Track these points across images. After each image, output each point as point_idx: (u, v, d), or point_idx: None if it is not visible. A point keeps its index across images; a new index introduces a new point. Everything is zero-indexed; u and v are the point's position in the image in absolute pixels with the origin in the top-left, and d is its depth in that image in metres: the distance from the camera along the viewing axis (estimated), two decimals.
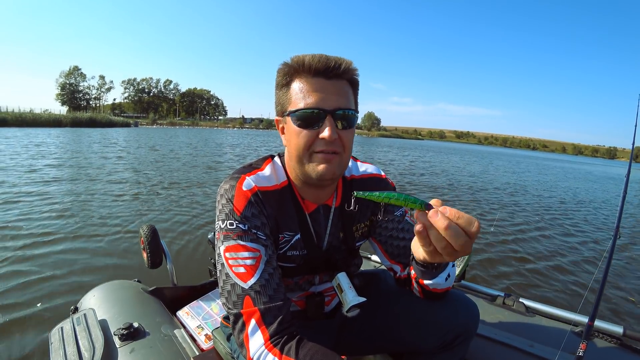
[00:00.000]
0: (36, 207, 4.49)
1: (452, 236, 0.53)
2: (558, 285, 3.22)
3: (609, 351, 1.23)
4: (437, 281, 0.75)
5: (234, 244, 0.73)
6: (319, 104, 0.72)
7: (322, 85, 0.72)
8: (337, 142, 0.74)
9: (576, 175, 19.96)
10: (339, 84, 0.74)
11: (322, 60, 0.72)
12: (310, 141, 0.73)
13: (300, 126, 0.73)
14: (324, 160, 0.74)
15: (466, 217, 0.53)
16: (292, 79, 0.75)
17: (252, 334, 0.68)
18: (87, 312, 1.23)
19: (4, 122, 28.65)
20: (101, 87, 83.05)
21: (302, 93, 0.73)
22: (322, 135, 0.72)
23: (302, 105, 0.72)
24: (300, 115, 0.73)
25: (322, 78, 0.72)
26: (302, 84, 0.73)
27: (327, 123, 0.71)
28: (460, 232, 0.52)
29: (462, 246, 0.53)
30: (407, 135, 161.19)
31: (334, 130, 0.72)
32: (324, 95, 0.72)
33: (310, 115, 0.72)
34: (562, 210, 7.38)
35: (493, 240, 4.35)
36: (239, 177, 0.78)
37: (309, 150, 0.74)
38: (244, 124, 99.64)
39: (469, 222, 0.53)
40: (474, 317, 0.91)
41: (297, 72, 0.74)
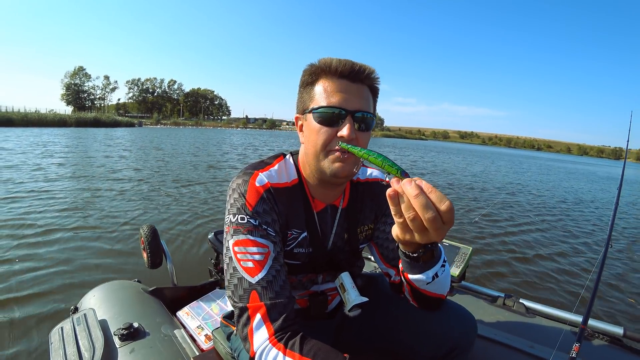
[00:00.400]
0: (37, 206, 4.52)
1: (420, 206, 0.52)
2: (558, 286, 3.21)
3: (609, 352, 1.22)
4: (421, 278, 0.70)
5: (244, 239, 0.73)
6: (341, 103, 0.74)
7: (346, 87, 0.75)
8: (354, 143, 0.74)
9: (578, 176, 19.85)
10: (362, 88, 0.77)
11: (349, 64, 0.75)
12: (330, 139, 0.75)
13: (321, 123, 0.75)
14: (340, 158, 0.75)
15: (439, 194, 0.53)
16: (317, 79, 0.77)
17: (256, 328, 0.69)
18: (87, 312, 1.23)
19: (10, 122, 28.90)
20: (106, 87, 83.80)
21: (326, 92, 0.75)
22: (340, 133, 0.74)
23: (324, 103, 0.75)
24: (321, 112, 0.75)
25: (347, 80, 0.75)
26: (327, 84, 0.76)
27: (347, 122, 0.74)
28: (429, 204, 0.52)
29: (431, 222, 0.52)
30: (411, 136, 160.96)
31: (353, 130, 0.74)
32: (347, 96, 0.75)
33: (332, 114, 0.74)
34: (563, 210, 7.37)
35: (493, 240, 4.35)
36: (252, 173, 0.80)
37: (327, 147, 0.76)
38: (247, 124, 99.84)
39: (439, 199, 0.52)
40: (470, 330, 0.90)
41: (324, 72, 0.76)
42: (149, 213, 4.56)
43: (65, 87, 76.95)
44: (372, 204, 0.95)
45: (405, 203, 0.54)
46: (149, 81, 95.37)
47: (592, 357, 1.19)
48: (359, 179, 0.96)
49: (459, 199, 7.30)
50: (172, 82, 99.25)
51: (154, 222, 4.06)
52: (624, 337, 1.26)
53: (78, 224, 3.89)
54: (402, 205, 0.55)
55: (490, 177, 13.07)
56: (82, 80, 79.13)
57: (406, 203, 0.54)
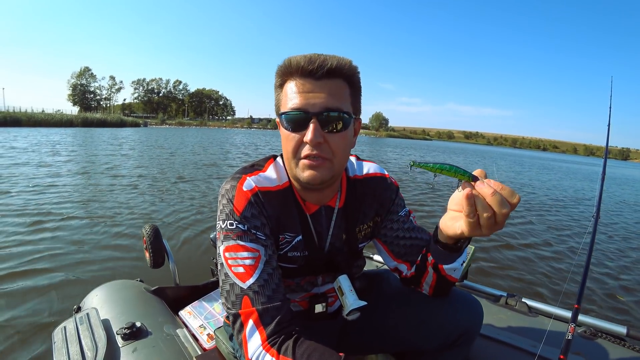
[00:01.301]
0: (40, 205, 4.55)
1: (497, 203, 0.55)
2: (560, 285, 3.19)
3: (612, 351, 1.21)
4: (455, 266, 0.77)
5: (234, 244, 0.72)
6: (304, 105, 0.69)
7: (310, 86, 0.69)
8: (325, 147, 0.71)
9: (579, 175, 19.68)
10: (331, 84, 0.70)
11: (310, 59, 0.69)
12: (297, 145, 0.72)
13: (288, 129, 0.72)
14: (309, 166, 0.72)
15: (508, 189, 0.56)
16: (284, 81, 0.73)
17: (250, 334, 0.68)
18: (90, 312, 1.24)
19: (17, 122, 29.31)
20: (111, 87, 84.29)
21: (290, 95, 0.71)
22: (305, 138, 0.70)
23: (289, 106, 0.71)
24: (287, 117, 0.71)
25: (311, 78, 0.69)
26: (290, 85, 0.72)
27: (311, 126, 0.69)
28: (504, 201, 0.56)
29: (504, 217, 0.56)
30: (415, 136, 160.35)
31: (317, 134, 0.69)
32: (311, 96, 0.69)
33: (296, 117, 0.70)
34: (564, 209, 7.32)
35: (496, 239, 4.32)
36: (240, 178, 0.78)
37: (296, 155, 0.73)
38: (252, 124, 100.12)
39: (511, 194, 0.56)
40: (478, 316, 0.91)
41: (289, 73, 0.72)
42: (151, 213, 4.57)
43: (72, 87, 77.61)
44: (371, 201, 0.92)
45: (482, 203, 0.57)
46: (154, 81, 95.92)
47: (595, 356, 1.18)
48: (357, 175, 0.92)
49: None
50: (177, 83, 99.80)
51: (156, 222, 4.09)
52: (627, 336, 1.25)
53: (80, 224, 3.91)
54: (478, 205, 0.57)
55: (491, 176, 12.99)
56: (88, 80, 79.73)
57: (483, 203, 0.57)
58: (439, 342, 0.90)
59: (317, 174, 0.72)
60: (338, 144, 0.72)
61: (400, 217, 0.92)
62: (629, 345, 1.23)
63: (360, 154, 0.91)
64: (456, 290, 0.93)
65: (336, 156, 0.73)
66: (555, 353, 1.13)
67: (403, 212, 0.93)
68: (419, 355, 0.97)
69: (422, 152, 26.97)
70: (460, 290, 0.94)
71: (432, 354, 0.94)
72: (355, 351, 1.05)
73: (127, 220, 4.14)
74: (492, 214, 0.56)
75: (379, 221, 0.94)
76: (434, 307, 0.89)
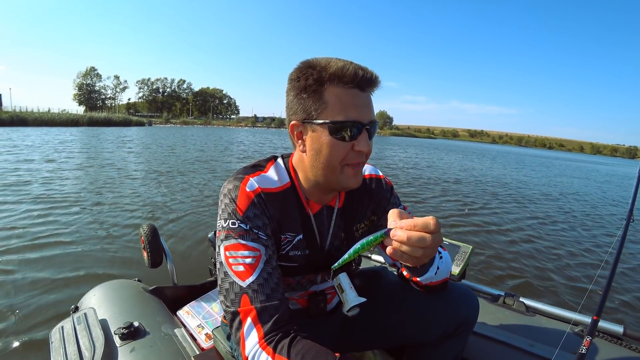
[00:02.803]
0: (37, 205, 4.57)
1: (417, 242, 0.58)
2: (560, 284, 3.18)
3: (608, 351, 1.21)
4: (428, 276, 0.78)
5: (235, 243, 0.73)
6: (358, 117, 0.72)
7: (359, 98, 0.73)
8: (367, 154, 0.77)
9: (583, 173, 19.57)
10: (370, 97, 0.76)
11: (361, 72, 0.71)
12: (345, 153, 0.74)
13: (337, 138, 0.72)
14: (356, 172, 0.77)
15: (421, 222, 0.58)
16: (324, 86, 0.72)
17: (247, 332, 0.68)
18: (88, 312, 1.24)
19: (24, 122, 29.62)
20: (116, 87, 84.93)
21: (341, 104, 0.71)
22: (358, 148, 0.73)
23: (340, 117, 0.71)
24: (338, 127, 0.71)
25: (358, 90, 0.72)
26: (339, 94, 0.71)
27: (364, 137, 0.73)
28: (422, 236, 0.58)
29: (433, 244, 0.59)
30: (420, 134, 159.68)
31: (369, 143, 0.75)
32: (362, 108, 0.73)
33: (352, 128, 0.72)
34: (563, 209, 7.29)
35: (492, 240, 4.32)
36: (243, 178, 0.79)
37: (343, 162, 0.75)
38: (256, 123, 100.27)
39: (425, 225, 0.58)
40: (475, 307, 0.95)
41: (333, 80, 0.71)
42: (149, 212, 4.59)
43: (78, 87, 78.39)
44: (368, 201, 0.95)
45: (407, 249, 0.59)
46: (158, 81, 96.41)
47: (591, 355, 1.18)
48: None
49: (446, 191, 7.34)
50: (182, 82, 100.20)
51: (154, 221, 4.12)
52: (624, 335, 1.25)
53: (78, 223, 3.92)
54: (406, 251, 0.60)
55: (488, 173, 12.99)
56: (93, 80, 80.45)
57: (407, 248, 0.59)
58: (438, 333, 0.93)
59: (360, 179, 0.80)
60: (371, 150, 0.78)
61: None
62: (626, 344, 1.23)
63: None
64: (453, 283, 0.96)
65: (367, 159, 0.80)
66: (553, 352, 1.13)
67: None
68: (419, 348, 1.00)
69: (427, 151, 26.90)
70: (456, 283, 0.98)
71: (431, 345, 0.97)
72: (355, 348, 1.08)
73: (125, 220, 4.16)
74: (421, 250, 0.59)
75: (376, 220, 0.98)
76: (432, 299, 0.93)
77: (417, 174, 10.96)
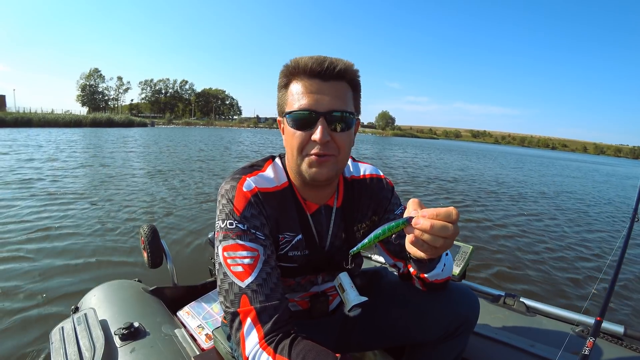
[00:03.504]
0: (38, 205, 4.59)
1: (439, 231, 0.57)
2: (559, 285, 3.17)
3: (609, 351, 1.20)
4: (435, 272, 0.79)
5: (233, 244, 0.73)
6: (312, 105, 0.72)
7: (317, 87, 0.73)
8: (331, 145, 0.74)
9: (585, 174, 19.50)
10: (337, 86, 0.74)
11: (318, 61, 0.72)
12: (304, 143, 0.74)
13: (295, 127, 0.74)
14: (316, 163, 0.75)
15: (443, 211, 0.58)
16: (290, 80, 0.76)
17: (247, 332, 0.68)
18: (88, 312, 1.25)
19: (28, 123, 29.82)
20: (119, 88, 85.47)
21: (298, 94, 0.74)
22: (313, 137, 0.73)
23: (296, 106, 0.73)
24: (294, 116, 0.74)
25: (318, 79, 0.73)
26: (298, 86, 0.74)
27: (319, 125, 0.72)
28: (444, 225, 0.57)
29: (452, 236, 0.58)
30: (422, 135, 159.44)
31: (326, 132, 0.72)
32: (319, 96, 0.73)
33: (304, 117, 0.73)
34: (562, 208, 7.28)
35: (493, 240, 4.31)
36: (240, 178, 0.79)
37: (303, 152, 0.75)
38: (258, 124, 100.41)
39: (447, 215, 0.58)
40: (475, 307, 0.95)
41: (295, 73, 0.75)
42: (149, 212, 4.59)
43: (81, 88, 78.85)
44: (368, 201, 0.95)
45: (429, 237, 0.58)
46: (161, 82, 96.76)
47: (592, 356, 1.17)
48: (354, 176, 0.95)
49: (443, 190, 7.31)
50: (184, 82, 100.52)
51: (154, 222, 4.13)
52: (625, 335, 1.24)
53: (78, 224, 3.93)
54: (427, 240, 0.59)
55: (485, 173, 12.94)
56: (96, 81, 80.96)
57: (429, 237, 0.58)
58: (439, 333, 0.93)
59: (324, 171, 0.76)
60: (343, 142, 0.76)
61: (396, 215, 0.95)
62: (627, 344, 1.22)
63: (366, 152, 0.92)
64: (453, 283, 0.96)
65: (341, 152, 0.77)
66: (553, 353, 1.13)
67: (399, 210, 0.96)
68: (419, 347, 1.00)
69: (428, 152, 26.87)
70: (457, 283, 0.98)
71: (432, 345, 0.97)
72: (355, 348, 1.08)
73: (125, 220, 4.17)
74: (442, 240, 0.58)
75: (377, 220, 0.97)
76: (433, 299, 0.93)
77: (414, 173, 11.00)
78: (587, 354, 0.92)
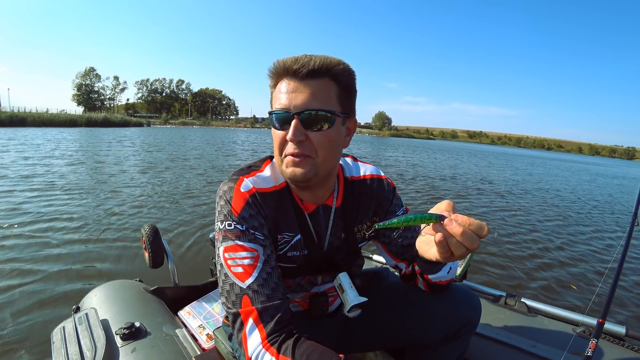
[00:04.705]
0: (38, 205, 4.55)
1: (467, 241, 0.57)
2: (559, 285, 3.18)
3: (611, 352, 1.21)
4: (441, 275, 0.81)
5: (232, 244, 0.73)
6: (285, 105, 0.72)
7: (293, 86, 0.72)
8: (307, 145, 0.73)
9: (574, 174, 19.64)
10: (315, 84, 0.72)
11: (295, 59, 0.72)
12: (282, 143, 0.75)
13: (275, 127, 0.75)
14: (291, 163, 0.75)
15: (476, 223, 0.57)
16: (277, 81, 0.76)
17: (249, 333, 0.68)
18: (89, 312, 1.24)
19: (23, 122, 29.58)
20: (115, 87, 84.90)
21: (278, 94, 0.74)
22: (287, 137, 0.73)
23: (275, 106, 0.74)
24: (273, 116, 0.75)
25: (295, 78, 0.72)
26: (280, 86, 0.74)
27: (293, 125, 0.71)
28: (474, 236, 0.57)
29: (477, 246, 0.58)
30: (419, 135, 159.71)
31: (298, 132, 0.71)
32: (292, 96, 0.72)
33: (280, 117, 0.73)
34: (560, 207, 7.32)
35: (493, 240, 4.32)
36: (237, 179, 0.79)
37: (281, 152, 0.76)
38: (255, 124, 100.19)
39: (479, 228, 0.57)
40: (477, 308, 0.94)
41: (278, 73, 0.75)
42: (151, 212, 4.58)
43: (77, 87, 78.25)
44: (369, 201, 0.93)
45: (454, 242, 0.58)
46: (157, 81, 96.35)
47: (596, 357, 1.17)
48: (354, 176, 0.94)
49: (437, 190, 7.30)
50: (180, 82, 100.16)
51: (156, 222, 4.11)
52: (627, 336, 1.24)
53: (79, 224, 3.91)
54: (451, 244, 0.58)
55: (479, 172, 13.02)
56: (92, 81, 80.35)
57: (454, 242, 0.58)
58: (441, 334, 0.92)
59: (299, 170, 0.74)
60: (320, 142, 0.73)
61: (397, 216, 0.93)
62: (628, 345, 1.22)
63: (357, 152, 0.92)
64: (455, 284, 0.96)
65: (320, 153, 0.74)
66: (554, 353, 1.13)
67: (400, 211, 0.95)
68: (420, 349, 0.99)
69: (421, 152, 26.97)
70: (459, 284, 0.97)
71: (433, 347, 0.96)
72: (356, 349, 1.07)
73: (126, 220, 4.15)
74: (465, 249, 0.58)
75: (378, 221, 0.95)
76: (434, 300, 0.92)
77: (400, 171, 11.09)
78: (590, 355, 0.92)
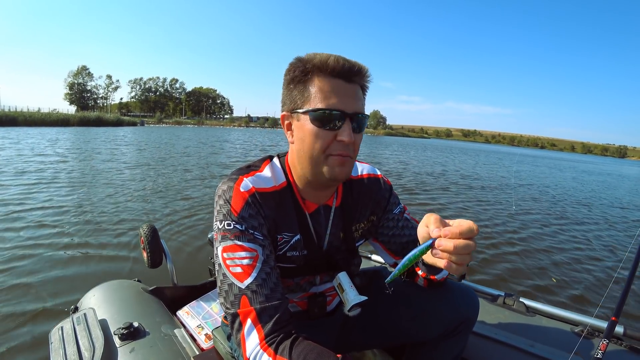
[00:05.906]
0: (36, 205, 4.52)
1: (462, 250, 0.58)
2: (558, 285, 3.20)
3: (609, 351, 1.19)
4: (444, 272, 0.83)
5: (231, 244, 0.73)
6: (340, 106, 0.72)
7: (342, 88, 0.73)
8: (351, 146, 0.75)
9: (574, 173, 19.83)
10: (356, 88, 0.75)
11: (344, 62, 0.72)
12: (329, 142, 0.74)
13: (319, 126, 0.73)
14: (340, 162, 0.75)
15: (464, 226, 0.58)
16: (310, 77, 0.73)
17: (248, 333, 0.68)
18: (87, 312, 1.24)
19: (13, 122, 29.14)
20: (108, 86, 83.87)
21: (323, 93, 0.72)
22: (340, 137, 0.72)
23: (322, 105, 0.72)
24: (319, 115, 0.72)
25: (342, 80, 0.73)
26: (322, 84, 0.72)
27: (347, 126, 0.72)
28: (467, 243, 0.58)
29: (474, 248, 0.60)
30: (413, 134, 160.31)
31: (352, 134, 0.73)
32: (345, 98, 0.73)
33: (331, 117, 0.72)
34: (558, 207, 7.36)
35: (492, 240, 4.34)
36: (237, 178, 0.79)
37: (326, 151, 0.74)
38: (249, 123, 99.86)
39: (468, 230, 0.58)
40: (475, 306, 0.96)
41: (318, 70, 0.73)
42: (149, 212, 4.55)
43: (69, 86, 77.24)
44: (367, 201, 0.95)
45: (456, 258, 0.59)
46: (151, 80, 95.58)
47: (592, 356, 1.18)
48: (352, 176, 0.95)
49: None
50: (174, 81, 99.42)
51: (154, 222, 4.09)
52: (624, 335, 1.24)
53: (77, 224, 3.88)
54: (452, 258, 0.59)
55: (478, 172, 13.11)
56: (85, 79, 79.35)
57: (456, 257, 0.59)
58: (439, 332, 0.94)
59: (346, 170, 0.77)
60: (359, 142, 0.78)
61: (395, 215, 0.96)
62: (626, 344, 1.22)
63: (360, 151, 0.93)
64: (452, 282, 0.97)
65: (355, 153, 0.79)
66: (553, 353, 1.14)
67: (397, 209, 0.97)
68: (420, 346, 1.01)
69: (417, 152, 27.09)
70: (455, 282, 0.98)
71: (432, 344, 0.97)
72: (355, 347, 1.08)
73: (125, 220, 4.12)
74: (467, 256, 0.60)
75: (375, 220, 0.97)
76: (433, 297, 0.94)
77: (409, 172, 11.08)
78: (600, 357, 0.91)
